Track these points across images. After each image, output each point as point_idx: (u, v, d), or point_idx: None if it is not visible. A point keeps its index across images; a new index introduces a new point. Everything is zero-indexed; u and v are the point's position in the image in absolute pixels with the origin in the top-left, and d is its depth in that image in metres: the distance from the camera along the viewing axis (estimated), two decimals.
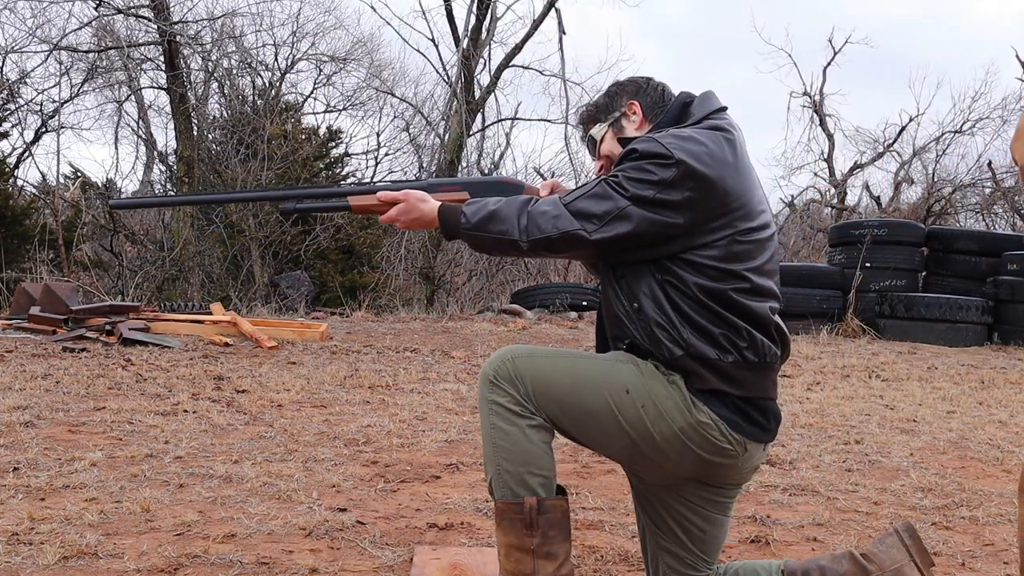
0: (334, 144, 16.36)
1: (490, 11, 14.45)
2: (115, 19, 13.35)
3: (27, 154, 14.23)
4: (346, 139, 16.96)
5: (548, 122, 17.02)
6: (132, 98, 15.24)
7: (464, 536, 2.65)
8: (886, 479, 3.50)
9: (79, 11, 21.06)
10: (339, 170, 16.28)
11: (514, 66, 15.29)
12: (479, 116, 15.57)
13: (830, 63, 19.77)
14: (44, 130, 14.21)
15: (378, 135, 17.82)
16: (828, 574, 1.84)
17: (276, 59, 15.10)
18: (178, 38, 13.11)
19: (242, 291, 12.63)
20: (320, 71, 15.99)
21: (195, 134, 13.64)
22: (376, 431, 4.03)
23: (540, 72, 15.38)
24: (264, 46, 14.90)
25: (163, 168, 15.89)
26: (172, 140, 14.50)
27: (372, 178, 17.05)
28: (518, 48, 14.98)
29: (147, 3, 13.08)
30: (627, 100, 1.98)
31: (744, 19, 41.67)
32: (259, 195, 2.24)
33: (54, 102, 13.98)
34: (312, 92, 16.39)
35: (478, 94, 15.12)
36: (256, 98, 14.82)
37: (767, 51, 41.79)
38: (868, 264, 9.75)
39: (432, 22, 39.03)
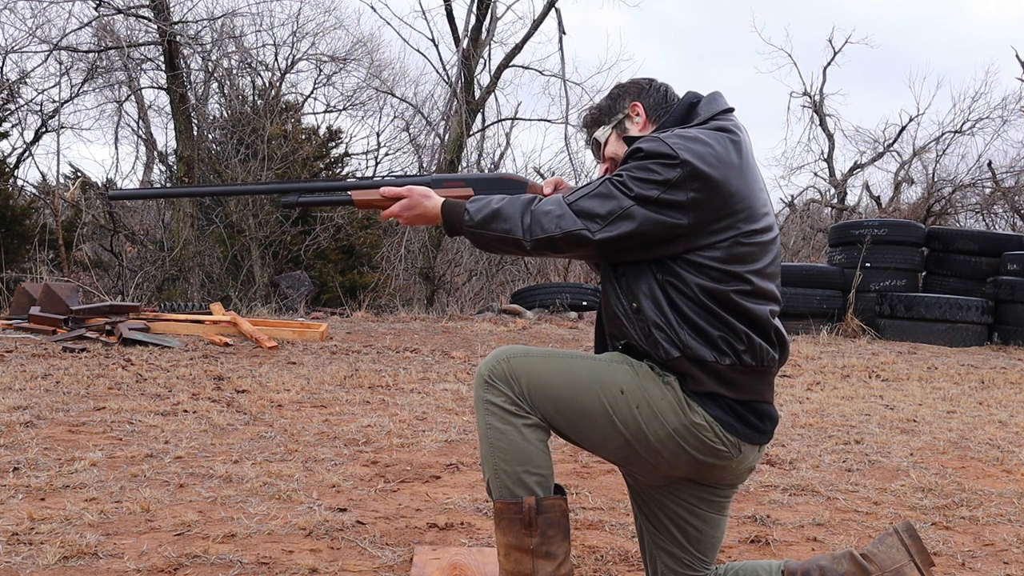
0: (334, 144, 16.39)
1: (490, 11, 14.44)
2: (115, 19, 13.34)
3: (27, 154, 14.26)
4: (346, 139, 17.02)
5: (548, 122, 17.00)
6: (132, 98, 15.23)
7: (464, 536, 2.65)
8: (886, 479, 3.50)
9: (79, 11, 21.10)
10: (339, 170, 16.29)
11: (514, 66, 15.29)
12: (479, 116, 15.55)
13: (830, 63, 19.85)
14: (44, 130, 14.23)
15: (378, 135, 17.86)
16: (828, 574, 1.84)
17: (276, 59, 15.13)
18: (178, 38, 13.10)
19: (242, 291, 12.64)
20: (320, 71, 16.02)
21: (195, 134, 13.63)
22: (376, 431, 4.03)
23: (540, 72, 15.38)
24: (264, 46, 14.92)
25: (163, 168, 15.90)
26: (172, 140, 14.52)
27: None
28: (518, 48, 14.98)
29: (147, 3, 13.06)
30: (630, 102, 1.98)
31: (744, 19, 41.77)
32: (262, 188, 2.22)
33: (54, 102, 13.99)
34: (312, 92, 16.44)
35: (478, 94, 15.11)
36: (256, 98, 14.82)
37: (767, 51, 41.99)
38: (868, 264, 9.74)
39: (432, 22, 39.16)
